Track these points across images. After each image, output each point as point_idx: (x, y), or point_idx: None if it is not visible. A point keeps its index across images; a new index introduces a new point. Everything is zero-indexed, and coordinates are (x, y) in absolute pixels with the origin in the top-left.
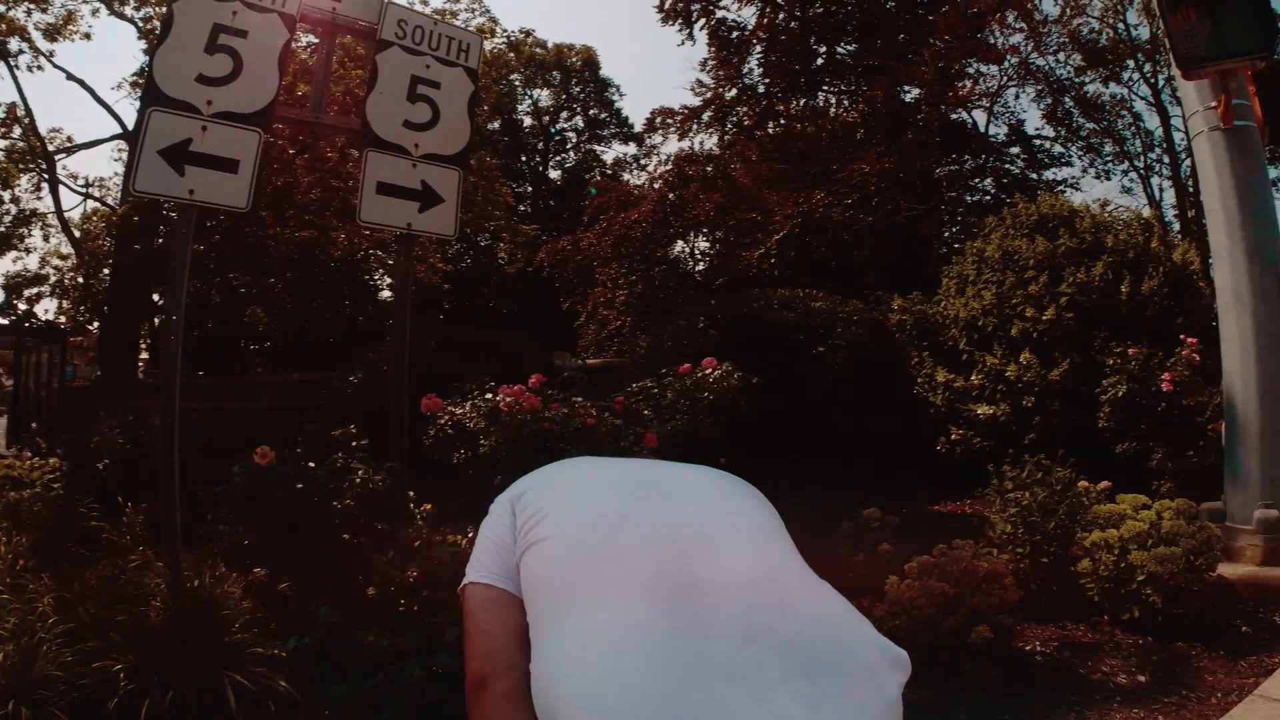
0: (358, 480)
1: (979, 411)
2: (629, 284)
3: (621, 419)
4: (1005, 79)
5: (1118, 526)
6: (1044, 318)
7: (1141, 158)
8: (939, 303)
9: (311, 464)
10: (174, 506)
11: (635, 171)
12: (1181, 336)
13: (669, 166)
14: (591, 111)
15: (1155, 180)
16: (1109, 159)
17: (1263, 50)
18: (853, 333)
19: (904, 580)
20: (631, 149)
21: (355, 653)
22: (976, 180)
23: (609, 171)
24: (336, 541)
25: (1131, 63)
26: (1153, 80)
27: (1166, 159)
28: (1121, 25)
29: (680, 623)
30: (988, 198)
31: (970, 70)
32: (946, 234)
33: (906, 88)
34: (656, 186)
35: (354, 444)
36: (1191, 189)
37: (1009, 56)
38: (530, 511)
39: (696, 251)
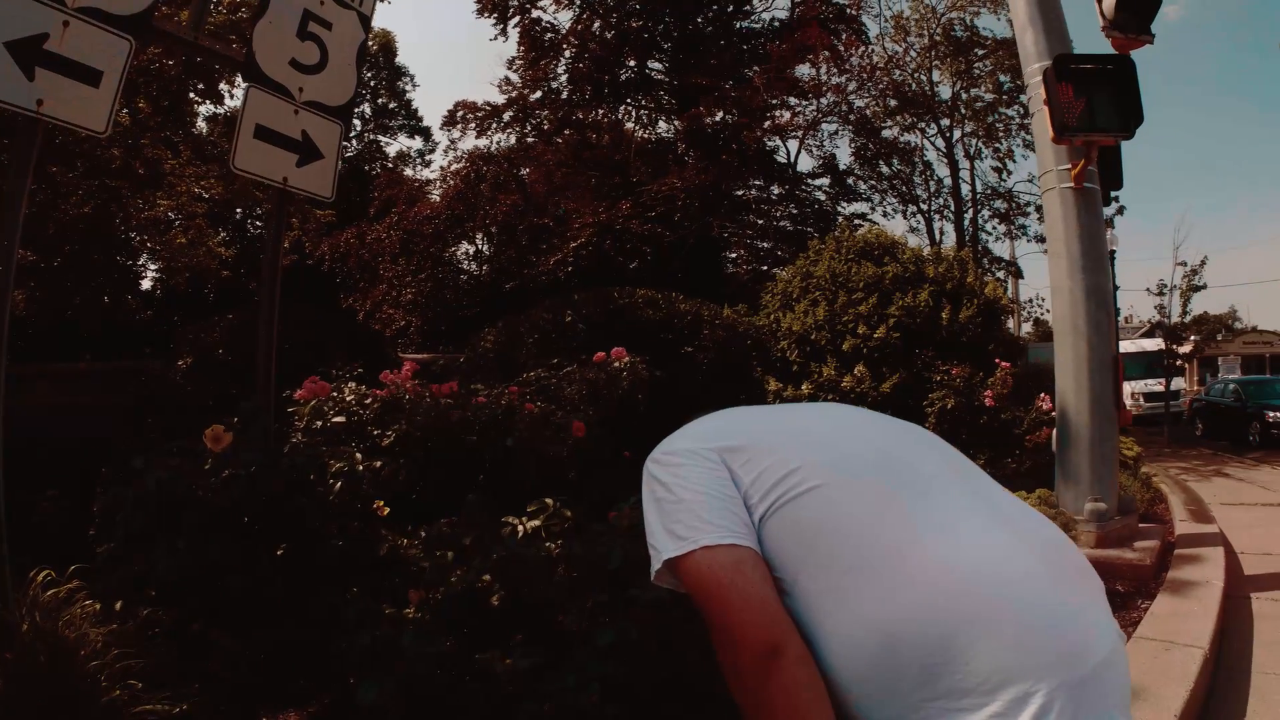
0: (360, 469)
1: None
2: (417, 282)
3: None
4: (821, 115)
5: None
6: (875, 335)
7: (928, 202)
8: (769, 315)
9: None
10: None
11: (418, 167)
12: (996, 361)
13: (463, 163)
14: (381, 100)
15: (937, 224)
16: (899, 199)
17: (1125, 130)
18: (717, 335)
19: None
20: (417, 143)
21: (461, 685)
22: (781, 206)
23: (390, 165)
24: (328, 551)
25: (930, 116)
26: (948, 134)
27: (952, 205)
28: (927, 81)
29: (1010, 532)
30: (783, 223)
31: (792, 103)
32: (735, 255)
33: (722, 110)
34: (451, 182)
35: (320, 422)
36: (970, 235)
37: (829, 94)
38: (768, 462)
39: (482, 254)
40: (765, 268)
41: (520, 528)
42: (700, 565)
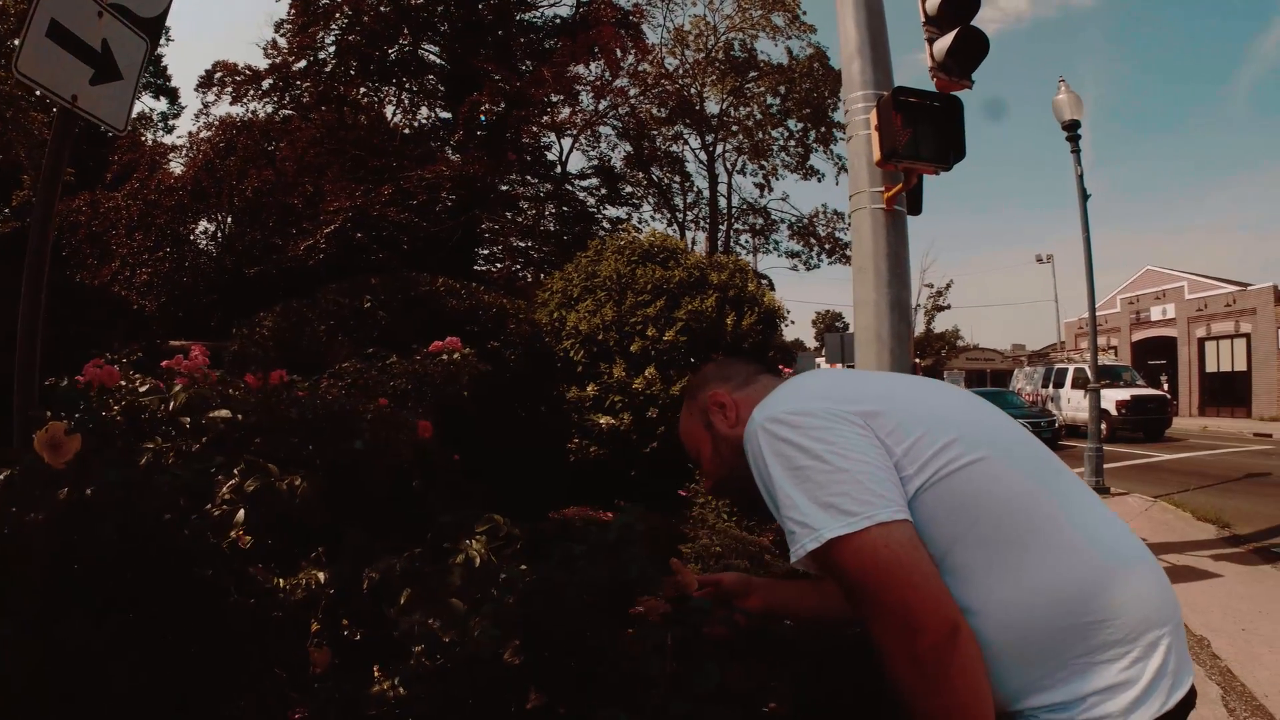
0: (283, 489)
1: (601, 422)
2: (154, 261)
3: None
4: (600, 116)
5: None
6: (665, 338)
7: (684, 212)
8: (549, 313)
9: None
10: None
11: (160, 132)
12: (781, 367)
13: (214, 131)
14: None
15: (691, 233)
16: (656, 207)
17: (944, 162)
18: (523, 330)
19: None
20: (163, 104)
21: None
22: (549, 204)
23: (130, 126)
24: (234, 615)
25: (697, 129)
26: (711, 149)
27: (708, 216)
28: (697, 95)
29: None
30: (547, 222)
31: (573, 104)
32: (488, 252)
33: (502, 100)
34: (199, 151)
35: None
36: (723, 246)
37: (610, 96)
38: (919, 431)
39: (224, 234)
40: (518, 267)
41: (476, 554)
42: (876, 545)
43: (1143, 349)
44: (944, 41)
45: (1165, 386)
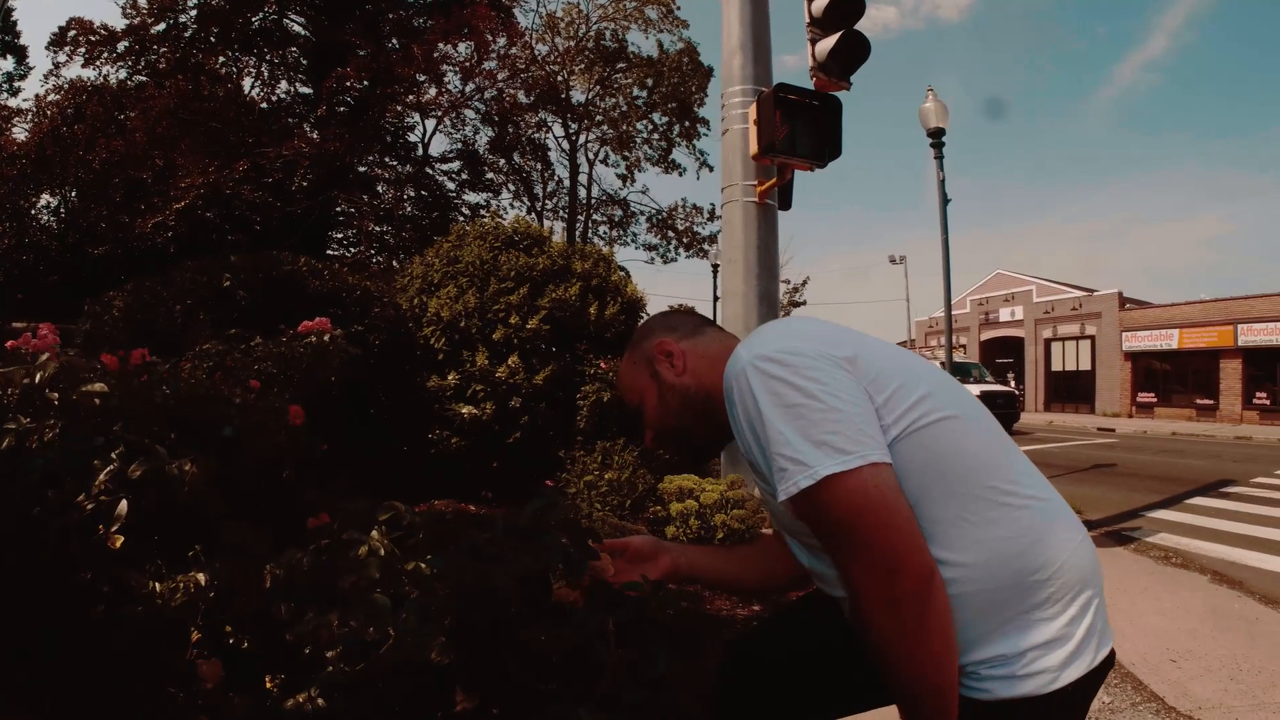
0: (176, 473)
1: (463, 411)
2: None
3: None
4: (467, 98)
5: (695, 498)
6: (528, 326)
7: (543, 201)
8: (409, 299)
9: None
10: None
11: (3, 93)
12: None
13: (61, 95)
14: None
15: (549, 222)
16: (515, 194)
17: (820, 160)
18: (388, 314)
19: None
20: (9, 63)
21: None
22: (408, 187)
23: None
24: (122, 631)
25: (562, 119)
26: (575, 138)
27: (567, 205)
28: (564, 83)
29: None
30: (406, 206)
31: (439, 85)
32: (341, 236)
33: (368, 76)
34: (46, 116)
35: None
36: (581, 235)
37: (480, 78)
38: (896, 383)
39: (68, 208)
40: (372, 252)
41: (380, 545)
42: (867, 484)
43: (991, 348)
44: (827, 43)
45: (1013, 383)
